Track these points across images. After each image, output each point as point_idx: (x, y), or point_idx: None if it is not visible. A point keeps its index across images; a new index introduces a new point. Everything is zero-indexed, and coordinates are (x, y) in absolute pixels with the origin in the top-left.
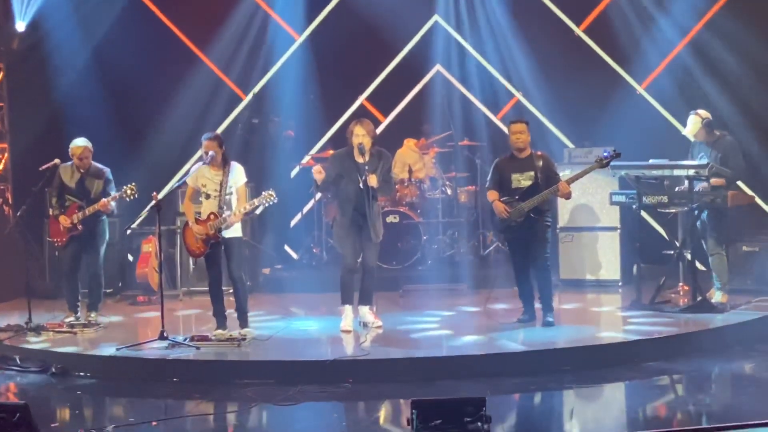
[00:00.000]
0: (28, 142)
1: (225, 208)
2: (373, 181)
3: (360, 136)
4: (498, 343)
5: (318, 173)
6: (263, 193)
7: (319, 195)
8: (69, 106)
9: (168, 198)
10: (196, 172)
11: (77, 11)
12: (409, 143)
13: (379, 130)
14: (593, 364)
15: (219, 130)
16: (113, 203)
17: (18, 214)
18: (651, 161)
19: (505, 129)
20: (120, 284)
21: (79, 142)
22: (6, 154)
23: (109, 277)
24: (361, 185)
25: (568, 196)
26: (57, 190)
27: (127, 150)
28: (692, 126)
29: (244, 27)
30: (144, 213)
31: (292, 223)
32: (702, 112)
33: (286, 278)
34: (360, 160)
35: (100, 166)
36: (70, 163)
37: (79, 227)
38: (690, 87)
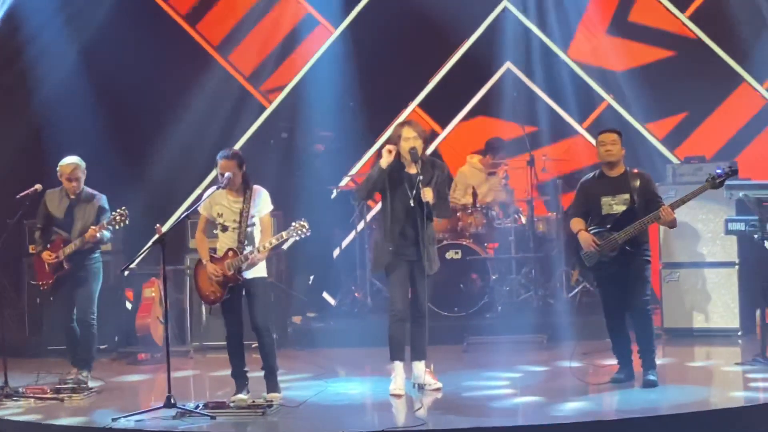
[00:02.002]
0: (3, 164)
1: (246, 242)
2: (428, 195)
3: (411, 139)
4: (585, 408)
5: (389, 153)
6: (293, 224)
7: (362, 225)
8: (52, 120)
9: (175, 231)
10: (210, 198)
11: (64, 9)
12: (473, 160)
13: (434, 146)
14: None
15: (238, 145)
16: (105, 233)
17: None
18: None
19: (592, 140)
20: (116, 338)
21: (70, 160)
22: None
23: (102, 329)
24: (412, 202)
25: (672, 224)
26: (42, 221)
27: (123, 172)
28: None
29: (269, 20)
30: (145, 250)
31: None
32: None
33: (322, 330)
34: (412, 170)
35: (92, 191)
36: (58, 188)
37: (66, 265)
38: None
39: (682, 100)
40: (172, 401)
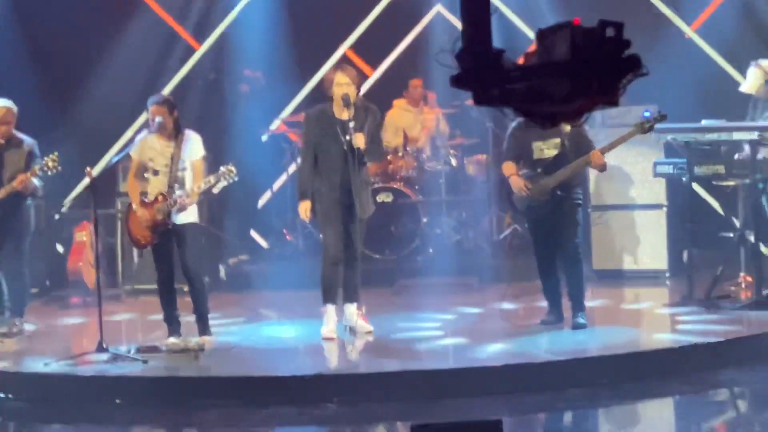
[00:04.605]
0: None
1: (177, 186)
2: (360, 141)
3: (343, 85)
4: (517, 351)
5: (305, 214)
6: (221, 168)
7: (293, 168)
8: None
9: (106, 174)
10: (142, 142)
11: None
12: (402, 103)
13: (365, 87)
14: (635, 375)
15: (168, 88)
16: (35, 180)
17: None
18: (704, 122)
19: None
20: (48, 283)
21: (0, 103)
22: None
23: (34, 274)
24: (345, 147)
25: (602, 168)
26: None
27: (53, 116)
28: (753, 80)
29: None
30: (76, 193)
31: (260, 203)
32: (765, 63)
33: (254, 272)
34: (344, 115)
35: (22, 136)
36: None
37: None
38: (755, 27)
39: None
40: (104, 346)
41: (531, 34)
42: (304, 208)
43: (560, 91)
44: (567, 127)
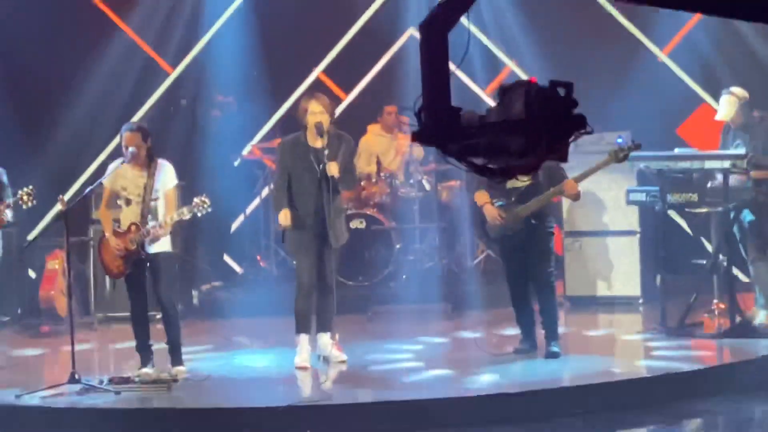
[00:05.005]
0: None
1: (150, 217)
2: (334, 169)
3: (317, 113)
4: (489, 381)
5: (285, 220)
6: (195, 200)
7: (266, 192)
8: None
9: (78, 202)
10: (115, 172)
11: None
12: (376, 128)
13: (338, 111)
14: (608, 406)
15: (140, 113)
16: (8, 212)
17: None
18: (677, 151)
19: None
20: (19, 310)
21: None
22: None
23: (4, 301)
24: (319, 175)
25: (576, 197)
26: None
27: (23, 143)
28: (727, 108)
29: None
30: (47, 221)
31: (233, 227)
32: (738, 90)
33: (227, 299)
34: (318, 144)
35: None
36: None
37: None
38: (727, 53)
39: (584, 67)
40: (76, 377)
41: (507, 61)
42: (284, 215)
43: (516, 147)
44: None
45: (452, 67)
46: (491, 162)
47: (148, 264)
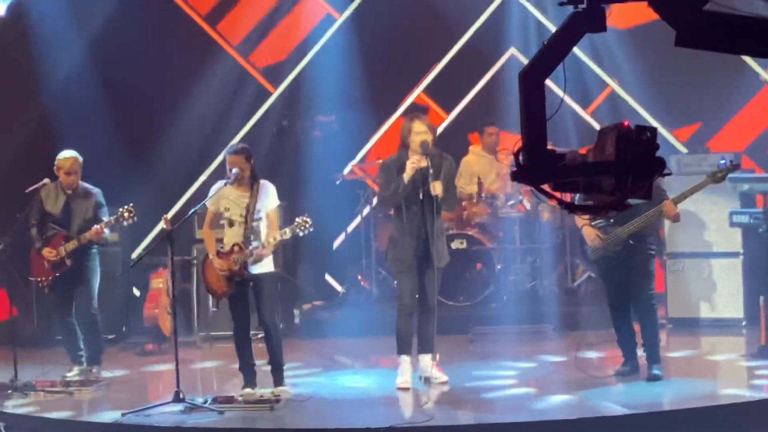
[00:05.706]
0: (11, 157)
1: (252, 237)
2: (438, 189)
3: (422, 133)
4: (591, 403)
5: (413, 169)
6: (296, 219)
7: (367, 211)
8: (60, 112)
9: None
10: (218, 193)
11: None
12: (476, 148)
13: (439, 131)
14: (711, 430)
15: (242, 133)
16: (107, 230)
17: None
18: None
19: (597, 127)
20: (124, 329)
21: (68, 154)
22: None
23: (109, 319)
24: (421, 196)
25: (675, 219)
26: (37, 217)
27: (129, 163)
28: None
29: (273, 5)
30: (151, 241)
31: (335, 246)
32: None
33: (328, 319)
34: (422, 164)
35: (88, 186)
36: (54, 182)
37: (68, 262)
38: None
39: (690, 87)
40: (181, 396)
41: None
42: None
43: (607, 185)
44: None
45: (560, 92)
46: (588, 198)
47: (250, 284)
